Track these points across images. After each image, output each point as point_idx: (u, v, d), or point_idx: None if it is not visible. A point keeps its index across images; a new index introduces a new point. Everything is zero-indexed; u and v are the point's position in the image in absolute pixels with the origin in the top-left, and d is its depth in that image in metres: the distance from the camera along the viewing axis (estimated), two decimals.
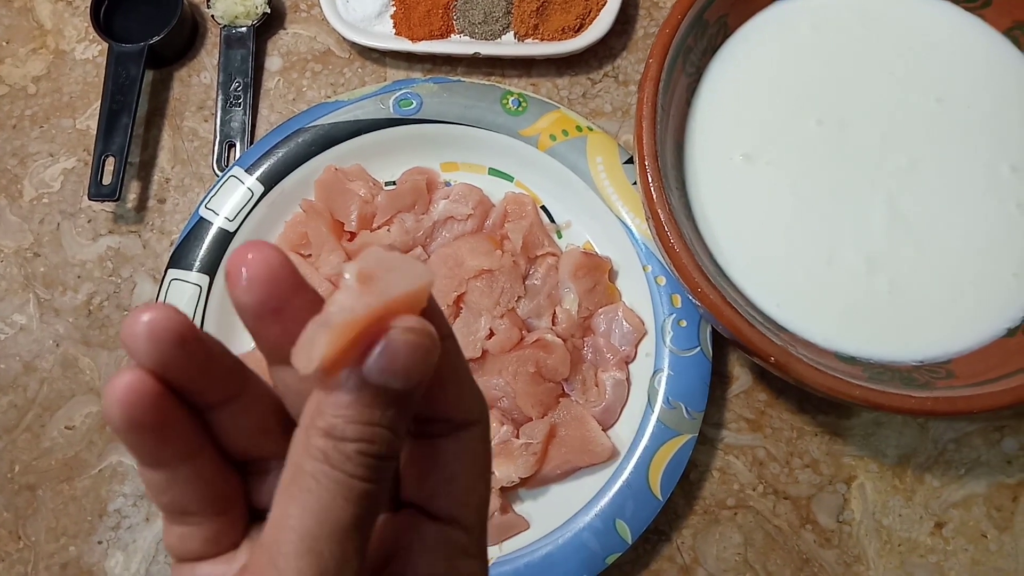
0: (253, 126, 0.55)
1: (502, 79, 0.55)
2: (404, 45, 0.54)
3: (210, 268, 0.48)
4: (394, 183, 0.51)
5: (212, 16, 0.56)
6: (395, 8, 0.55)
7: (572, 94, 0.55)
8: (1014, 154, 0.43)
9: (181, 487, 0.19)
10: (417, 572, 0.20)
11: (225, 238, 0.49)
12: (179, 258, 0.48)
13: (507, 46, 0.54)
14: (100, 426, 0.50)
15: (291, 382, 0.20)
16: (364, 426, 0.17)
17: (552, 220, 0.51)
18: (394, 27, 0.55)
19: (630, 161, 0.49)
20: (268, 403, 0.21)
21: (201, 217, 0.49)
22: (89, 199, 0.51)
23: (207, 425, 0.20)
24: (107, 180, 0.51)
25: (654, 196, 0.39)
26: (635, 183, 0.48)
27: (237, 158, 0.52)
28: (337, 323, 0.16)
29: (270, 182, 0.50)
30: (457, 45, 0.54)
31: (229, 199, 0.49)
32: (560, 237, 0.51)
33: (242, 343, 0.49)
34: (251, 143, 0.54)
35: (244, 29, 0.56)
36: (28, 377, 0.51)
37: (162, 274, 0.48)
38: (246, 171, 0.50)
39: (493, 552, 0.44)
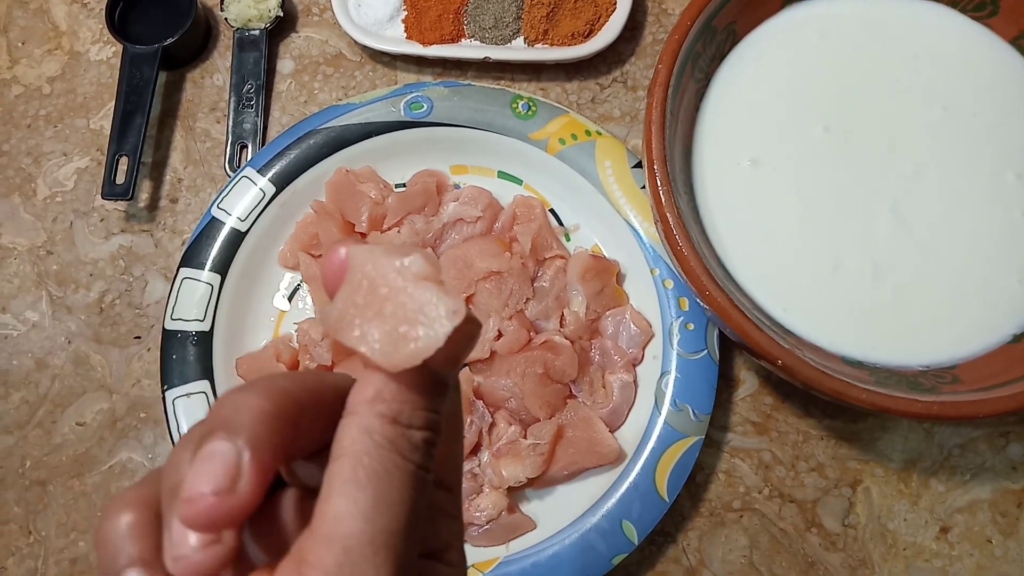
0: (265, 128, 0.56)
1: (512, 83, 0.56)
2: (415, 49, 0.54)
3: (222, 267, 0.49)
4: (404, 185, 0.52)
5: (225, 19, 0.56)
6: (406, 12, 0.56)
7: (581, 99, 0.56)
8: (1019, 162, 0.43)
9: None
10: (425, 547, 0.19)
11: (237, 238, 0.49)
12: (191, 257, 0.49)
13: (517, 51, 0.54)
14: (110, 423, 0.51)
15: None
16: (429, 413, 0.17)
17: (560, 223, 0.51)
18: (405, 31, 0.55)
19: (638, 165, 0.49)
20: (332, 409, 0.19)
21: (213, 217, 0.50)
22: (102, 198, 0.52)
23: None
24: (120, 179, 0.52)
25: (663, 200, 0.39)
26: (643, 187, 0.49)
27: (249, 159, 0.52)
28: (447, 327, 0.16)
29: (282, 183, 0.50)
30: (468, 49, 0.54)
31: (241, 199, 0.50)
32: (568, 240, 0.51)
33: (251, 341, 0.50)
34: (263, 144, 0.55)
35: (257, 32, 0.56)
36: (40, 374, 0.52)
37: (174, 273, 0.49)
38: (258, 172, 0.50)
39: (500, 551, 0.45)
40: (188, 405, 0.46)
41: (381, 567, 0.16)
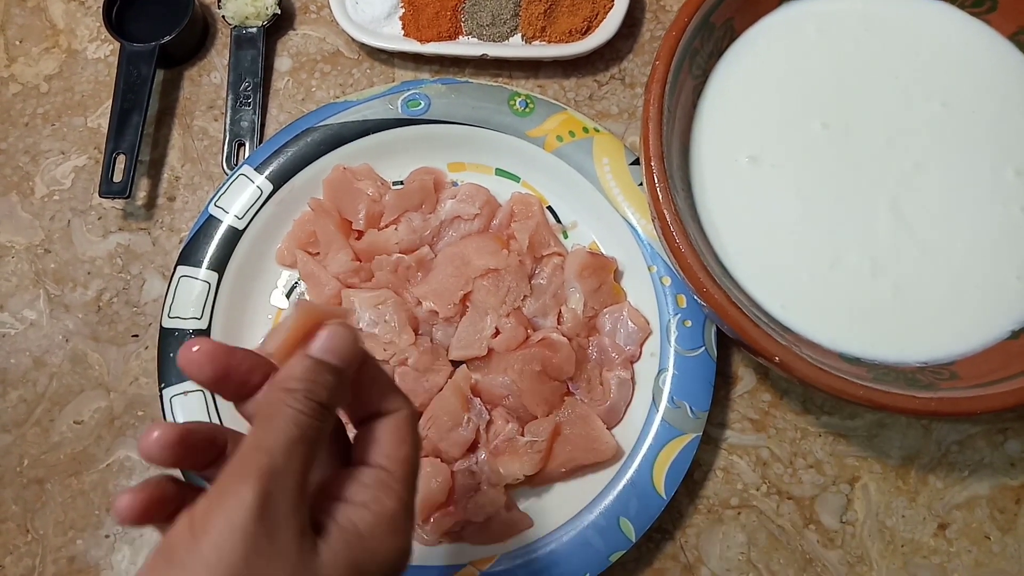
0: (262, 125, 0.56)
1: (509, 80, 0.56)
2: (412, 46, 0.54)
3: (219, 265, 0.49)
4: (402, 183, 0.52)
5: (223, 17, 0.56)
6: (404, 10, 0.56)
7: (579, 96, 0.56)
8: (1018, 158, 0.43)
9: None
10: (346, 496, 0.27)
11: (234, 236, 0.49)
12: (188, 255, 0.49)
13: (515, 48, 0.54)
14: (108, 421, 0.51)
15: (252, 411, 0.28)
16: (309, 380, 0.26)
17: (558, 220, 0.51)
18: (403, 28, 0.55)
19: (636, 162, 0.49)
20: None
21: (211, 215, 0.50)
22: (100, 196, 0.52)
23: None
24: (118, 178, 0.52)
25: (660, 197, 0.39)
26: (641, 184, 0.49)
27: (246, 157, 0.52)
28: (289, 325, 0.28)
29: (279, 181, 0.50)
30: (465, 47, 0.54)
31: (238, 197, 0.50)
32: (566, 237, 0.51)
33: (249, 339, 0.50)
34: (260, 142, 0.55)
35: (254, 30, 0.56)
36: (37, 372, 0.52)
37: (171, 271, 0.49)
38: (255, 170, 0.50)
39: (497, 549, 0.45)
40: (185, 403, 0.46)
41: (261, 465, 0.24)
